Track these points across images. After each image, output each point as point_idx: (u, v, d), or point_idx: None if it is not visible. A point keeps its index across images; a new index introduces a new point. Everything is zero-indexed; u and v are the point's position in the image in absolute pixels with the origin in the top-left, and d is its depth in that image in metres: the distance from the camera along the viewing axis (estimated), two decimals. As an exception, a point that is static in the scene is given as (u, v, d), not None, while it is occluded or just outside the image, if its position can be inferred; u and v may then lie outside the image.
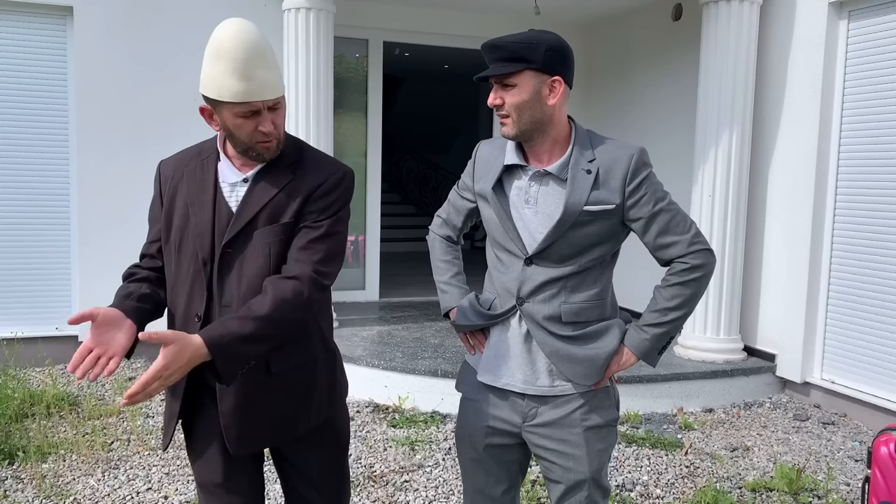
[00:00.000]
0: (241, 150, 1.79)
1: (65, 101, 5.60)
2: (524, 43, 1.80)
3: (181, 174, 1.88)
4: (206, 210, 1.81)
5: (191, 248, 1.81)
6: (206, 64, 1.71)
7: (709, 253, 1.89)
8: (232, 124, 1.74)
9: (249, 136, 1.75)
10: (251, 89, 1.70)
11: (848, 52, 4.85)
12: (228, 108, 1.72)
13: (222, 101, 1.71)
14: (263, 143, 1.77)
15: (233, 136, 1.77)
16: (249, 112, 1.72)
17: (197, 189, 1.84)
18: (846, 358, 4.89)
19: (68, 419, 4.37)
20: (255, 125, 1.74)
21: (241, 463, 1.94)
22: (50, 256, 5.66)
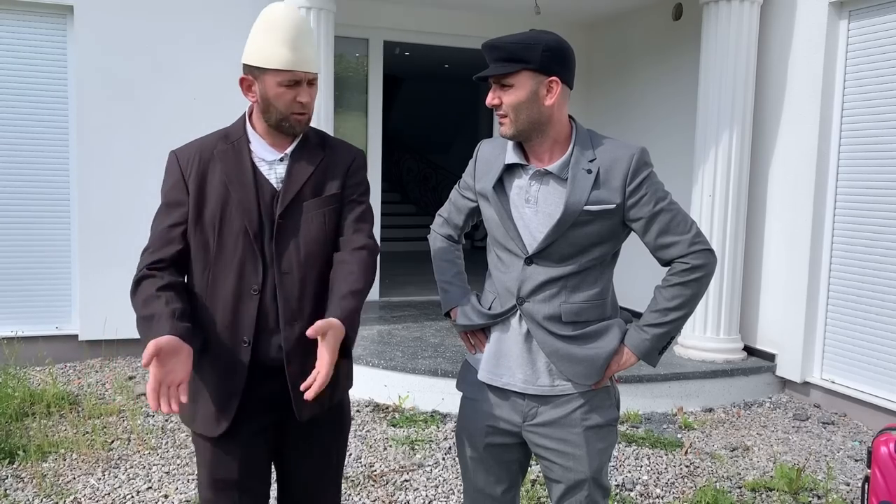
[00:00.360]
0: (275, 123, 1.89)
1: (65, 99, 5.60)
2: (521, 43, 1.80)
3: (208, 157, 1.92)
4: (249, 187, 1.89)
5: (237, 224, 1.88)
6: (256, 35, 1.85)
7: (710, 253, 1.89)
8: (273, 93, 1.85)
9: (287, 107, 1.87)
10: (297, 59, 1.84)
11: (848, 52, 4.85)
12: (272, 77, 1.84)
13: (268, 69, 1.83)
14: (297, 115, 1.89)
15: (270, 107, 1.87)
16: (292, 81, 1.85)
17: (234, 169, 1.90)
18: (846, 358, 4.89)
19: (68, 418, 4.37)
20: (293, 96, 1.86)
21: (256, 462, 1.96)
22: (50, 255, 5.66)
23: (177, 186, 1.92)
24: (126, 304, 5.65)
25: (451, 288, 2.12)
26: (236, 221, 1.88)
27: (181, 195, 1.91)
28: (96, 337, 5.63)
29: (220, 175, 1.90)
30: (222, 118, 5.77)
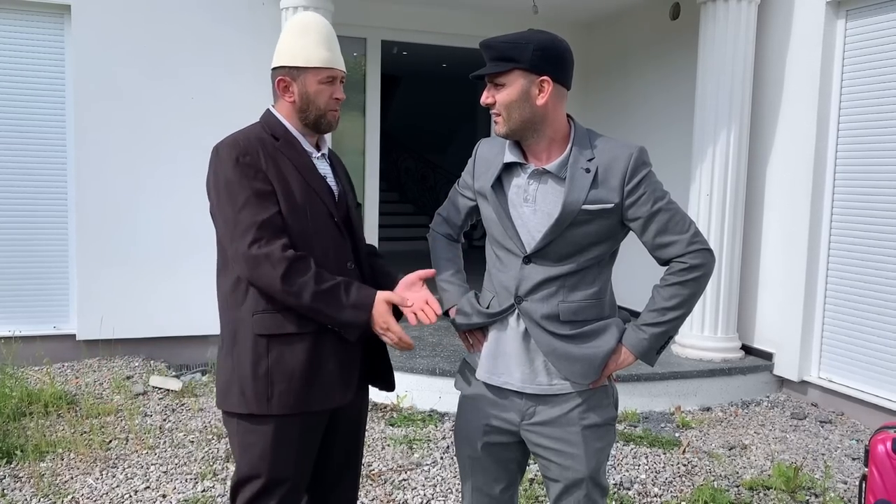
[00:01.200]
0: (313, 120, 2.02)
1: (62, 99, 5.60)
2: (513, 43, 1.81)
3: (270, 148, 1.97)
4: (319, 177, 2.03)
5: (322, 208, 1.99)
6: (292, 38, 1.99)
7: (708, 253, 1.89)
8: (314, 90, 1.99)
9: (326, 103, 2.00)
10: (335, 58, 2.01)
11: (846, 52, 4.85)
12: (314, 75, 1.98)
13: (309, 68, 1.97)
14: (333, 112, 2.03)
15: (310, 105, 2.00)
16: (330, 78, 2.00)
17: (300, 160, 2.00)
18: (843, 357, 4.90)
19: (66, 418, 4.37)
20: (331, 92, 2.01)
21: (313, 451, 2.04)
22: (48, 255, 5.65)
23: (259, 178, 1.91)
24: (124, 302, 5.65)
25: (449, 287, 2.12)
26: (321, 205, 1.99)
27: (268, 185, 1.92)
28: (94, 336, 5.62)
29: (291, 165, 1.97)
30: (219, 118, 5.76)
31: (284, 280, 1.84)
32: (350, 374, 2.01)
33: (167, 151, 5.71)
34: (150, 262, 5.71)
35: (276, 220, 1.89)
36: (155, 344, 5.74)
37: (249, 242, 1.85)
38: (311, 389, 1.94)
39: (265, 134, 1.99)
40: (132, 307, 5.68)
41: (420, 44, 7.30)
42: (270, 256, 1.84)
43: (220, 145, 1.93)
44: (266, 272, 1.84)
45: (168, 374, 5.31)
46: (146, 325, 5.71)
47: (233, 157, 1.90)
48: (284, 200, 1.92)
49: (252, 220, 1.86)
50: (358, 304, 1.88)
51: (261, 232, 1.86)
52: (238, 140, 1.94)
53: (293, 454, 1.97)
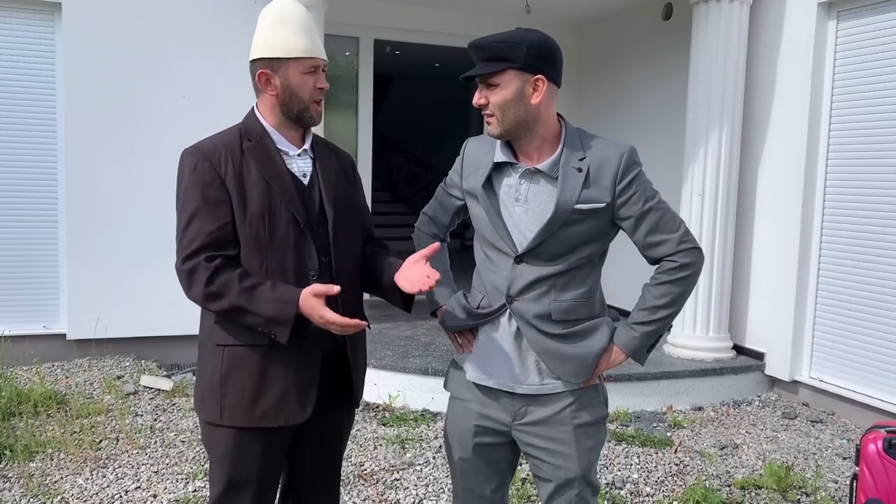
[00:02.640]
0: (297, 113, 1.95)
1: (53, 98, 5.56)
2: (506, 42, 1.80)
3: (237, 153, 1.93)
4: (287, 179, 1.94)
5: (285, 214, 1.92)
6: (271, 29, 1.91)
7: (697, 252, 1.89)
8: (297, 81, 1.92)
9: (310, 94, 1.94)
10: (316, 46, 1.94)
11: (837, 52, 4.87)
12: (295, 66, 1.91)
13: (290, 59, 1.91)
14: (316, 104, 1.97)
15: (293, 97, 1.93)
16: (313, 68, 1.94)
17: (267, 163, 1.93)
18: (834, 356, 4.92)
19: (56, 418, 4.34)
20: (314, 82, 1.95)
21: (277, 460, 2.00)
22: (38, 255, 5.61)
23: (214, 185, 1.88)
24: (115, 302, 5.62)
25: (437, 287, 2.11)
26: (284, 212, 1.92)
27: (222, 194, 1.89)
28: (84, 336, 5.59)
29: (256, 170, 1.92)
30: (211, 115, 5.74)
31: (207, 284, 1.82)
32: (306, 392, 1.93)
33: (158, 149, 5.69)
34: (141, 261, 5.69)
35: (220, 233, 1.87)
36: (146, 343, 5.71)
37: (183, 258, 1.86)
38: (260, 405, 1.90)
39: (237, 137, 1.94)
40: (123, 306, 5.65)
41: (412, 43, 7.29)
42: (196, 269, 1.84)
43: (185, 151, 1.93)
44: (192, 280, 1.84)
45: (159, 374, 5.29)
46: (137, 324, 5.68)
47: (192, 163, 1.89)
48: (240, 210, 1.88)
49: (196, 232, 1.86)
50: (283, 298, 1.81)
51: (201, 243, 1.85)
52: (202, 146, 1.92)
53: (255, 463, 1.94)
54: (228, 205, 1.88)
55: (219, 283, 1.82)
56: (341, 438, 2.15)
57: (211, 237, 1.86)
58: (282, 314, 1.81)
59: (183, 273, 1.86)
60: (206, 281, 1.82)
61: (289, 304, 1.81)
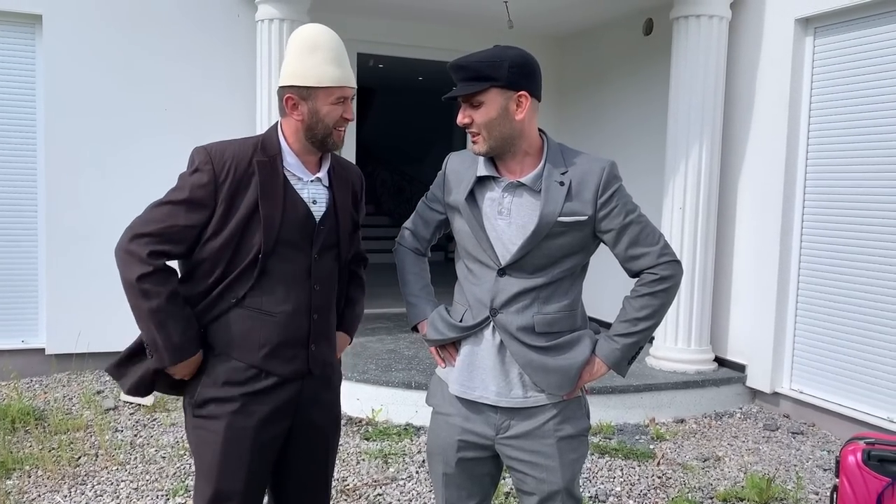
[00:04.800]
0: (319, 140, 1.96)
1: (33, 111, 5.52)
2: (488, 61, 1.83)
3: (245, 164, 1.91)
4: (278, 207, 1.92)
5: (255, 238, 1.90)
6: (300, 57, 1.90)
7: (677, 264, 1.92)
8: (325, 110, 1.92)
9: (335, 122, 1.95)
10: (347, 76, 1.94)
11: (814, 68, 4.94)
12: (325, 95, 1.91)
13: (321, 88, 1.90)
14: (339, 131, 1.97)
15: (318, 124, 1.93)
16: (342, 98, 1.93)
17: (270, 183, 1.92)
18: (814, 368, 4.97)
19: (34, 434, 4.28)
20: (341, 112, 1.94)
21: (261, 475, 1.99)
22: (16, 268, 5.55)
23: (207, 188, 1.88)
24: (95, 316, 5.56)
25: (418, 301, 2.12)
26: (255, 237, 1.91)
27: (209, 199, 1.89)
28: (63, 350, 5.53)
29: (254, 188, 1.90)
30: (193, 128, 5.72)
31: (139, 280, 1.84)
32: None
33: (139, 163, 5.66)
34: (122, 275, 5.63)
35: (184, 232, 1.88)
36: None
37: (134, 235, 1.86)
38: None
39: (251, 149, 1.94)
40: (103, 321, 5.60)
41: (396, 57, 7.31)
42: (137, 255, 1.84)
43: (196, 149, 1.93)
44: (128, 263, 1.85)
45: (139, 389, 5.22)
46: (117, 338, 5.62)
47: (196, 161, 1.91)
48: (219, 222, 1.89)
49: (160, 218, 1.87)
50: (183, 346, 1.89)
51: (159, 227, 1.86)
52: (211, 148, 1.92)
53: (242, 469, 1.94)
54: (208, 213, 1.88)
55: (148, 286, 1.84)
56: (327, 459, 2.14)
57: (170, 230, 1.86)
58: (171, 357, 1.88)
59: (123, 251, 1.86)
60: (138, 276, 1.83)
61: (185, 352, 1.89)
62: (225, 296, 1.93)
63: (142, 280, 1.84)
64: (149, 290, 1.84)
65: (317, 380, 2.08)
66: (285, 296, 1.96)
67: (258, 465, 1.97)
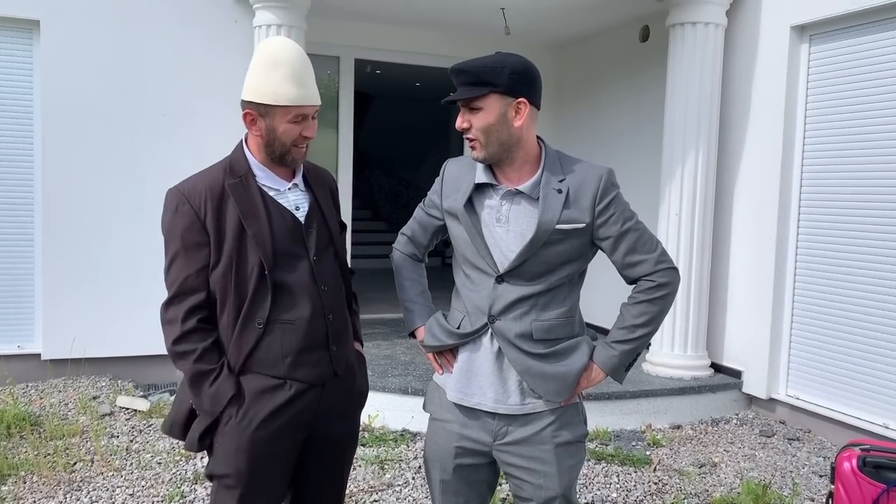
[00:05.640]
0: (278, 156, 1.95)
1: (30, 116, 5.52)
2: (488, 67, 1.83)
3: (219, 193, 1.92)
4: (263, 221, 1.93)
5: (253, 259, 1.91)
6: (261, 73, 1.87)
7: (674, 271, 1.92)
8: (282, 129, 1.90)
9: (293, 140, 1.92)
10: (307, 94, 1.90)
11: (810, 74, 4.97)
12: (282, 113, 1.88)
13: (277, 106, 1.87)
14: (298, 149, 1.95)
15: (274, 141, 1.92)
16: (300, 116, 1.90)
17: (247, 203, 1.92)
18: (810, 375, 4.98)
19: (29, 439, 4.27)
20: (300, 130, 1.92)
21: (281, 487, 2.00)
22: (13, 273, 5.54)
23: (193, 228, 1.91)
24: (91, 321, 5.55)
25: (415, 307, 2.12)
26: (252, 256, 1.92)
27: (201, 237, 1.91)
28: (59, 356, 5.52)
29: (234, 210, 1.91)
30: (190, 134, 5.72)
31: (175, 343, 1.92)
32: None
33: (136, 168, 5.66)
34: (117, 280, 5.63)
35: (199, 277, 1.92)
36: (122, 363, 5.64)
37: (165, 303, 1.94)
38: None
39: (221, 175, 1.95)
40: (99, 326, 5.59)
41: (393, 63, 7.33)
42: (173, 322, 1.92)
43: (169, 191, 1.95)
44: (167, 332, 1.93)
45: (135, 394, 5.22)
46: (113, 344, 5.62)
47: (173, 205, 1.92)
48: (216, 254, 1.92)
49: (175, 276, 1.92)
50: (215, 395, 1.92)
51: (180, 288, 1.92)
52: (183, 188, 1.93)
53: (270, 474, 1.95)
54: (207, 248, 1.91)
55: (182, 349, 1.91)
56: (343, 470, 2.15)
57: (187, 283, 1.92)
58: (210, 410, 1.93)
59: (162, 321, 1.95)
60: (174, 340, 1.91)
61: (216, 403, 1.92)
62: (249, 322, 1.93)
63: (177, 343, 1.91)
64: (183, 352, 1.91)
65: (339, 387, 2.07)
66: (299, 303, 1.96)
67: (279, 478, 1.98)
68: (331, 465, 2.11)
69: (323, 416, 2.04)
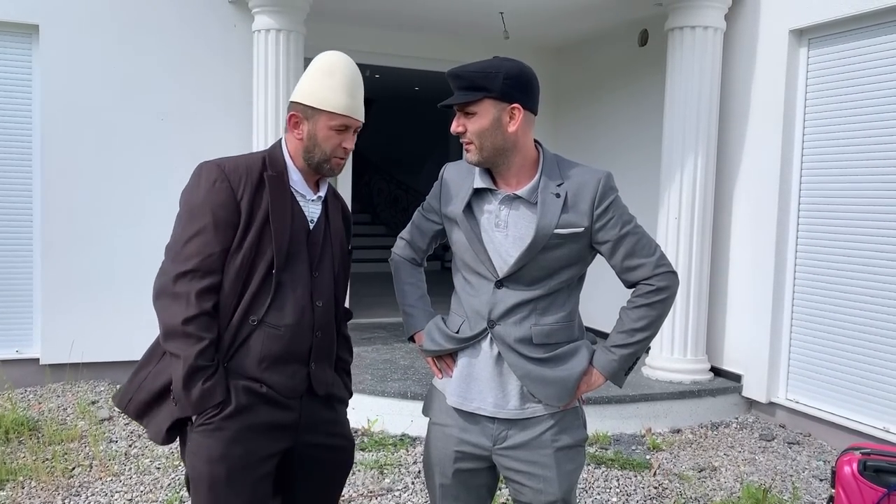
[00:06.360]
0: (316, 163, 1.96)
1: (29, 121, 5.52)
2: (483, 72, 1.84)
3: (257, 180, 1.90)
4: (287, 221, 1.93)
5: (267, 255, 1.89)
6: (316, 77, 1.91)
7: (673, 275, 1.92)
8: (323, 135, 1.92)
9: (332, 150, 1.94)
10: (354, 106, 1.93)
11: (808, 79, 4.97)
12: (326, 119, 1.91)
13: (323, 111, 1.90)
14: (338, 160, 1.97)
15: (315, 147, 1.94)
16: (343, 126, 1.93)
17: (280, 198, 1.92)
18: (810, 378, 4.97)
19: (28, 444, 4.26)
20: (340, 140, 1.94)
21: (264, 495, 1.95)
22: (11, 278, 5.54)
23: (228, 206, 1.86)
24: (90, 326, 5.54)
25: (414, 312, 2.12)
26: (267, 251, 1.89)
27: (233, 216, 1.87)
28: (58, 361, 5.51)
29: (265, 202, 1.90)
30: (190, 139, 5.72)
31: (185, 322, 1.80)
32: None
33: (135, 173, 5.66)
34: (117, 285, 5.63)
35: (220, 258, 1.86)
36: (121, 368, 5.63)
37: (177, 275, 1.83)
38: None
39: (260, 164, 1.93)
40: (98, 331, 5.58)
41: (393, 67, 7.34)
42: (184, 297, 1.82)
43: (204, 164, 1.90)
44: (174, 307, 1.82)
45: (134, 399, 5.20)
46: (112, 348, 5.61)
47: (210, 179, 1.87)
48: (240, 237, 1.88)
49: (196, 250, 1.84)
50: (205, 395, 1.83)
51: (200, 262, 1.84)
52: (224, 164, 1.90)
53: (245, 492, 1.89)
54: (235, 229, 1.87)
55: (190, 330, 1.81)
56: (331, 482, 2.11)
57: (209, 260, 1.84)
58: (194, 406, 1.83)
59: (168, 295, 1.83)
60: (186, 318, 1.80)
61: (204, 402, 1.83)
62: (246, 317, 1.90)
63: (188, 323, 1.80)
64: (192, 336, 1.81)
65: (321, 406, 2.04)
66: (291, 310, 1.94)
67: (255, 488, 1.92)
68: (319, 482, 2.07)
69: (306, 431, 2.00)
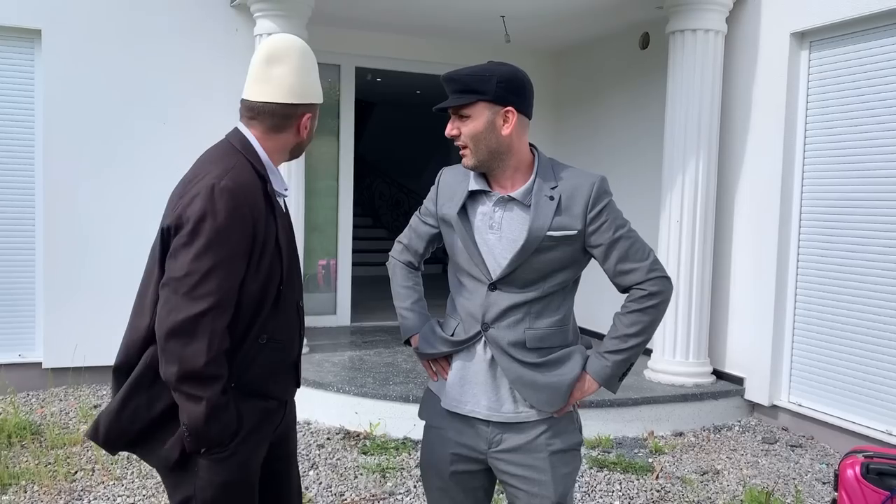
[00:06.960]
0: (297, 154, 2.00)
1: (32, 124, 5.54)
2: (477, 76, 1.85)
3: (262, 199, 1.80)
4: (289, 232, 1.94)
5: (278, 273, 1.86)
6: (310, 73, 1.91)
7: (666, 280, 1.92)
8: (313, 125, 1.97)
9: None
10: None
11: (810, 82, 4.97)
12: (316, 110, 1.97)
13: (317, 104, 1.95)
14: None
15: (306, 139, 1.97)
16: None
17: (281, 214, 1.92)
18: (812, 381, 4.96)
19: (30, 449, 4.27)
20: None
21: None
22: (14, 282, 5.55)
23: (246, 234, 1.73)
24: (92, 330, 5.55)
25: (410, 315, 2.12)
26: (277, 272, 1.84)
27: (249, 246, 1.75)
28: (60, 365, 5.52)
29: (272, 219, 1.83)
30: (192, 142, 5.74)
31: (208, 364, 1.66)
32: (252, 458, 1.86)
33: (137, 177, 5.67)
34: (118, 289, 5.64)
35: (232, 292, 1.73)
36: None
37: (200, 313, 1.66)
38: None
39: (257, 177, 1.82)
40: (100, 334, 5.59)
41: (394, 71, 7.35)
42: (208, 337, 1.67)
43: (218, 190, 1.71)
44: (195, 347, 1.66)
45: (136, 403, 5.21)
46: (114, 352, 5.61)
47: (230, 206, 1.71)
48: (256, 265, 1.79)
49: (218, 285, 1.68)
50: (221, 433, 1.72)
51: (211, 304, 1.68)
52: (234, 188, 1.73)
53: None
54: (247, 259, 1.75)
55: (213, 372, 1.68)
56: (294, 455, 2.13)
57: (229, 294, 1.71)
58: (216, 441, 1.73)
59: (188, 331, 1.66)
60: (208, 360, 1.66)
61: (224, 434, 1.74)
62: (256, 338, 1.83)
63: (209, 364, 1.67)
64: (214, 376, 1.68)
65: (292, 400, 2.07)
66: (290, 321, 1.93)
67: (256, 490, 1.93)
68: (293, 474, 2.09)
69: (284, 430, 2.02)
